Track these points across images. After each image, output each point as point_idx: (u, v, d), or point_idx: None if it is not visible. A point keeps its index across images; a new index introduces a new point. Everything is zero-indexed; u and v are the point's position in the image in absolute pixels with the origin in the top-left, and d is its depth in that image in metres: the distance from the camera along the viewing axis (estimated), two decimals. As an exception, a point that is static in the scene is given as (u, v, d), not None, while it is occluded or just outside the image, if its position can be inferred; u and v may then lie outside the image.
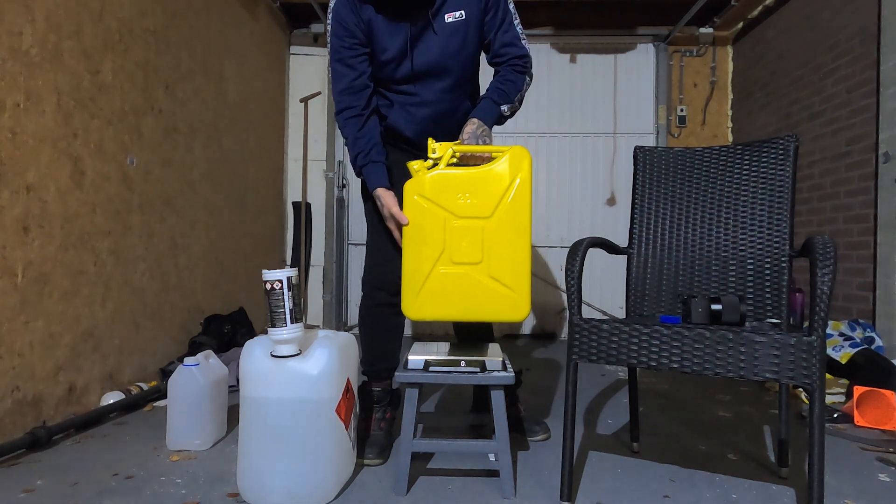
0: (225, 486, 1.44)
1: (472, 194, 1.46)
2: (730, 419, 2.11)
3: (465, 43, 1.64)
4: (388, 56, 1.63)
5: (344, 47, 1.62)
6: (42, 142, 1.84)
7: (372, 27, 1.61)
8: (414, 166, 1.50)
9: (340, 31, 1.62)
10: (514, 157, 1.48)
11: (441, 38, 1.62)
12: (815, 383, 1.11)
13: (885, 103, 2.62)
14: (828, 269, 1.13)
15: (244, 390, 1.34)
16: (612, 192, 4.29)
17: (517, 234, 1.46)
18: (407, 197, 1.48)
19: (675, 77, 4.28)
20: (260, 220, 3.74)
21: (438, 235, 1.46)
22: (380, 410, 1.75)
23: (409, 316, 1.49)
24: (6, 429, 1.68)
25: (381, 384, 1.77)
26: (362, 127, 1.65)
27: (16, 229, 1.73)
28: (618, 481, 1.51)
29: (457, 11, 1.60)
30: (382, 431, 1.71)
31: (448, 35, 1.62)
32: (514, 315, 1.46)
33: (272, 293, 1.29)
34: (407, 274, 1.48)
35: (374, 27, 1.61)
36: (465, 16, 1.62)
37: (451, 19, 1.61)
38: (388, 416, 1.77)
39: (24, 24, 1.76)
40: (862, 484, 1.51)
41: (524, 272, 1.45)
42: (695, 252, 1.65)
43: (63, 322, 1.92)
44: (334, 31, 1.63)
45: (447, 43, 1.62)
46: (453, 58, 1.65)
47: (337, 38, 1.62)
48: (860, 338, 2.51)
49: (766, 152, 1.59)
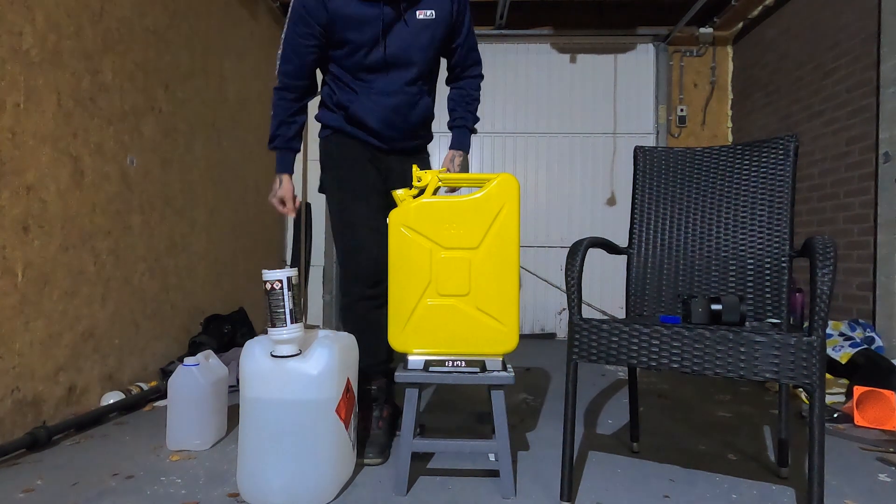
0: (225, 486, 1.44)
1: (458, 224, 1.43)
2: (730, 419, 2.11)
3: (433, 40, 1.72)
4: (361, 40, 1.66)
5: (299, 35, 1.69)
6: (42, 142, 1.84)
7: (342, 13, 1.64)
8: (399, 194, 1.48)
9: (302, 19, 1.67)
10: (502, 186, 1.43)
11: (412, 31, 1.69)
12: (815, 383, 1.11)
13: (885, 103, 2.62)
14: (828, 269, 1.13)
15: (244, 390, 1.34)
16: (612, 192, 4.29)
17: (505, 264, 1.43)
18: (392, 227, 1.45)
19: (675, 77, 4.28)
20: (260, 220, 3.74)
21: (425, 267, 1.44)
22: (377, 409, 1.74)
23: (396, 348, 1.47)
24: (6, 429, 1.68)
25: (376, 382, 1.76)
26: (295, 113, 1.77)
27: (16, 229, 1.73)
28: (618, 481, 1.51)
29: (428, 10, 1.69)
30: (381, 430, 1.70)
31: (418, 30, 1.69)
32: (501, 348, 1.44)
33: (272, 293, 1.29)
34: (393, 306, 1.46)
35: (344, 13, 1.64)
36: (434, 16, 1.70)
37: (422, 16, 1.69)
38: (385, 413, 1.75)
39: (24, 24, 1.76)
40: (862, 484, 1.51)
41: (512, 303, 1.43)
42: (695, 252, 1.65)
43: (63, 322, 1.92)
44: (297, 16, 1.68)
45: (417, 37, 1.69)
46: (421, 52, 1.71)
47: (295, 24, 1.69)
48: (860, 338, 2.51)
49: (766, 152, 1.59)
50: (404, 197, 1.47)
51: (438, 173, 1.52)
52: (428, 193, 1.50)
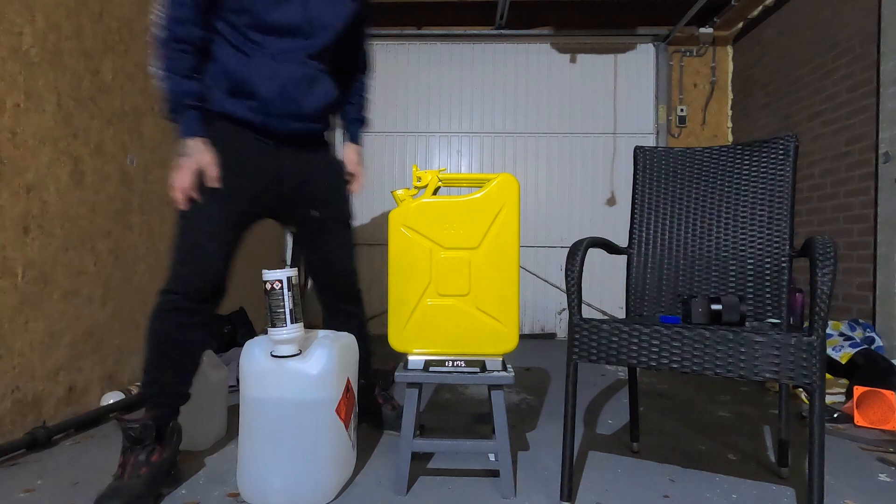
0: (225, 486, 1.44)
1: (458, 224, 1.43)
2: (730, 419, 2.11)
3: (348, 15, 1.55)
4: None
5: None
6: (42, 142, 1.84)
7: None
8: (399, 194, 1.48)
9: None
10: (502, 186, 1.43)
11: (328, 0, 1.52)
12: (815, 383, 1.11)
13: (885, 103, 2.62)
14: (828, 269, 1.13)
15: (244, 390, 1.34)
16: (612, 192, 4.29)
17: (505, 264, 1.43)
18: (392, 227, 1.45)
19: (675, 77, 4.28)
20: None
21: (425, 267, 1.44)
22: (143, 451, 1.34)
23: (396, 348, 1.46)
24: (6, 429, 1.68)
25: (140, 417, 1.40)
26: (197, 66, 1.42)
27: (16, 229, 1.73)
28: (618, 481, 1.51)
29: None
30: (141, 479, 1.31)
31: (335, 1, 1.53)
32: (502, 347, 1.44)
33: (272, 293, 1.29)
34: (393, 306, 1.46)
35: None
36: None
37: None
38: (154, 458, 1.35)
39: (24, 24, 1.76)
40: (862, 484, 1.51)
41: (512, 303, 1.43)
42: (695, 252, 1.65)
43: (63, 322, 1.92)
44: None
45: (334, 7, 1.52)
46: (337, 21, 1.52)
47: None
48: (860, 338, 2.51)
49: (766, 152, 1.59)
50: (404, 197, 1.47)
51: (438, 173, 1.52)
52: (428, 193, 1.50)
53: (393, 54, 4.36)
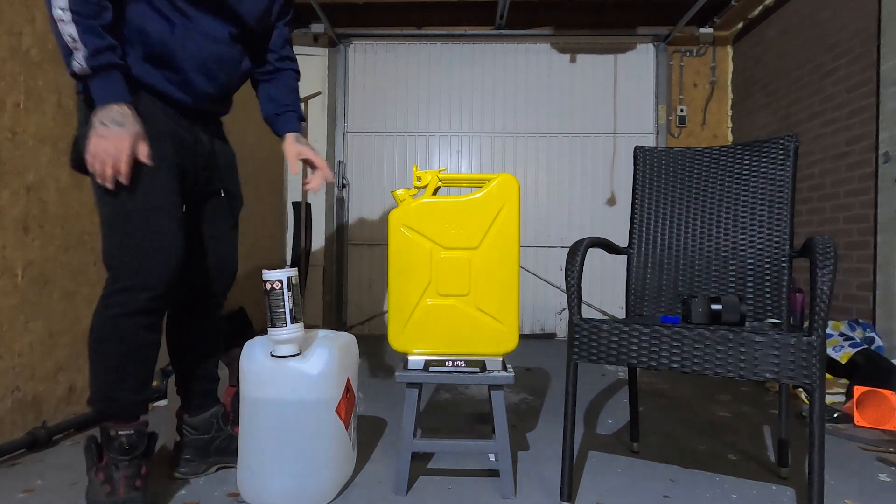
0: (225, 486, 1.44)
1: (458, 224, 1.44)
2: (730, 419, 2.11)
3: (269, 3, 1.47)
4: None
5: None
6: (42, 142, 1.84)
7: None
8: (399, 193, 1.48)
9: None
10: (502, 186, 1.43)
11: None
12: (815, 383, 1.11)
13: (885, 103, 2.62)
14: (828, 269, 1.13)
15: (244, 391, 1.34)
16: (612, 192, 4.29)
17: (505, 264, 1.43)
18: (392, 227, 1.45)
19: (675, 77, 4.28)
20: (260, 220, 3.74)
21: (425, 267, 1.44)
22: (131, 466, 1.26)
23: (396, 348, 1.46)
24: (6, 429, 1.68)
25: (130, 425, 1.29)
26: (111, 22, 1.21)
27: (16, 229, 1.73)
28: (618, 481, 1.51)
29: None
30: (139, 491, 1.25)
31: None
32: (502, 348, 1.44)
33: (272, 293, 1.29)
34: (393, 306, 1.46)
35: None
36: None
37: None
38: (143, 471, 1.28)
39: (23, 24, 1.76)
40: (862, 484, 1.51)
41: (512, 303, 1.43)
42: (695, 252, 1.65)
43: (63, 322, 1.92)
44: None
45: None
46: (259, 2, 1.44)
47: None
48: (860, 338, 2.51)
49: (766, 152, 1.59)
50: (404, 197, 1.47)
51: (438, 173, 1.52)
52: (428, 193, 1.50)
53: (393, 54, 4.36)
